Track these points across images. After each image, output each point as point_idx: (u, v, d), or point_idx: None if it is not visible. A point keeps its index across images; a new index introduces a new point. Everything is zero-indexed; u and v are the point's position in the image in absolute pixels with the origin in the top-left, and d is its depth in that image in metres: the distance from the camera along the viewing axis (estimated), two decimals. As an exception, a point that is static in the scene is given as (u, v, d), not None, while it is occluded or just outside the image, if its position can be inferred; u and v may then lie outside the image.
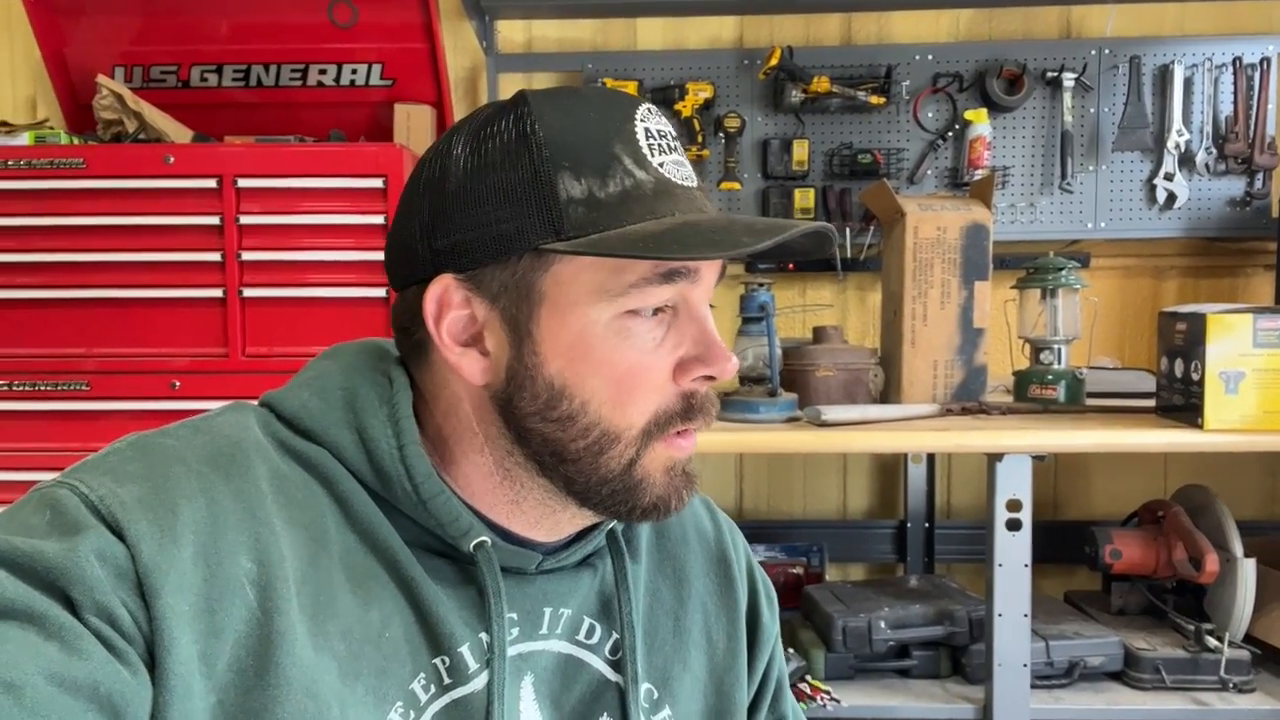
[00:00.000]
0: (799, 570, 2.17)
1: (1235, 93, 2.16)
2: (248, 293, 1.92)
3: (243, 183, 1.90)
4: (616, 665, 0.61)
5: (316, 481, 0.56)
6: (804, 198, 2.19)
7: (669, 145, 0.57)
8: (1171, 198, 2.17)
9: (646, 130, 0.56)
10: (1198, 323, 1.54)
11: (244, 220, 1.91)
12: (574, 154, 0.53)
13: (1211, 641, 1.75)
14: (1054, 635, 1.78)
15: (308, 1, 2.18)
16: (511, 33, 2.31)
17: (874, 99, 2.15)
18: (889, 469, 2.36)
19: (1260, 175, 2.16)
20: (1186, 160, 2.17)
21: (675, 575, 0.67)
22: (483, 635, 0.57)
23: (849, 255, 2.20)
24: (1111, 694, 1.74)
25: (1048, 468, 2.34)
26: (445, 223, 0.55)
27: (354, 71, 2.24)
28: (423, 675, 0.55)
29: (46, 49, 2.20)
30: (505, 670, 0.56)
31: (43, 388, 1.92)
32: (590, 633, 0.61)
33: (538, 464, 0.57)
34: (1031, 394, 1.80)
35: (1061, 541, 2.21)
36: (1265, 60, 2.15)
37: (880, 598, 1.87)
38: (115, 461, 0.52)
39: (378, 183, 1.89)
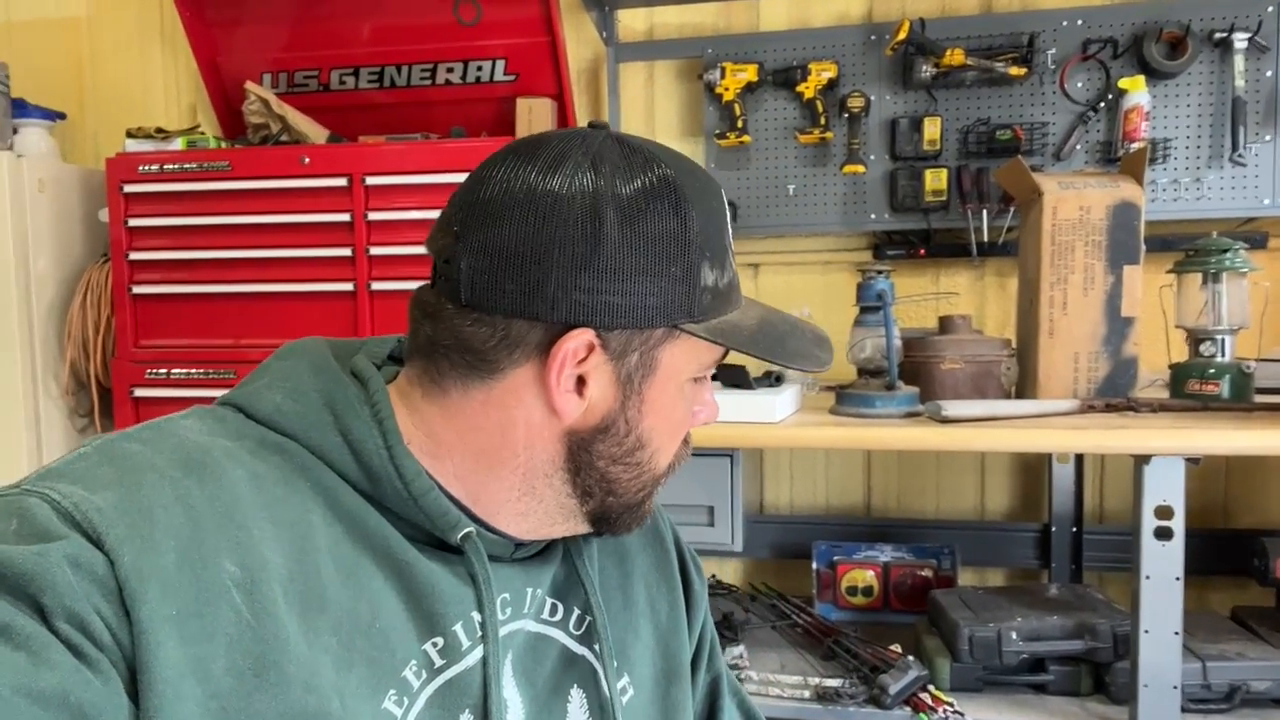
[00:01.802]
0: (928, 573, 2.05)
1: None
2: (376, 286, 2.00)
3: (370, 180, 1.98)
4: (579, 639, 0.66)
5: (297, 475, 0.56)
6: (935, 179, 2.06)
7: None
8: (1368, 167, 1.92)
9: (728, 222, 0.64)
10: (1388, 310, 1.35)
11: (372, 217, 1.99)
12: (711, 245, 0.60)
13: (1407, 673, 1.53)
14: (1213, 655, 1.61)
15: (434, 2, 2.23)
16: (633, 21, 2.29)
17: (1014, 70, 2.00)
18: (1032, 467, 2.20)
19: None
20: (1388, 124, 1.91)
21: (618, 553, 0.72)
22: (475, 615, 0.59)
23: (985, 239, 2.06)
24: (1281, 725, 1.56)
25: (1216, 472, 2.12)
26: (593, 278, 0.57)
27: (479, 68, 2.29)
28: (414, 662, 0.56)
29: (201, 58, 2.35)
30: (499, 650, 0.59)
31: (195, 375, 2.06)
32: (553, 611, 0.66)
33: (580, 491, 0.62)
34: (1190, 390, 1.63)
35: (1231, 553, 2.00)
36: None
37: (1013, 606, 1.74)
38: (83, 469, 0.51)
39: (496, 176, 1.92)
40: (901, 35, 2.00)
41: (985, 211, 2.05)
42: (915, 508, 2.26)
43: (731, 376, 1.68)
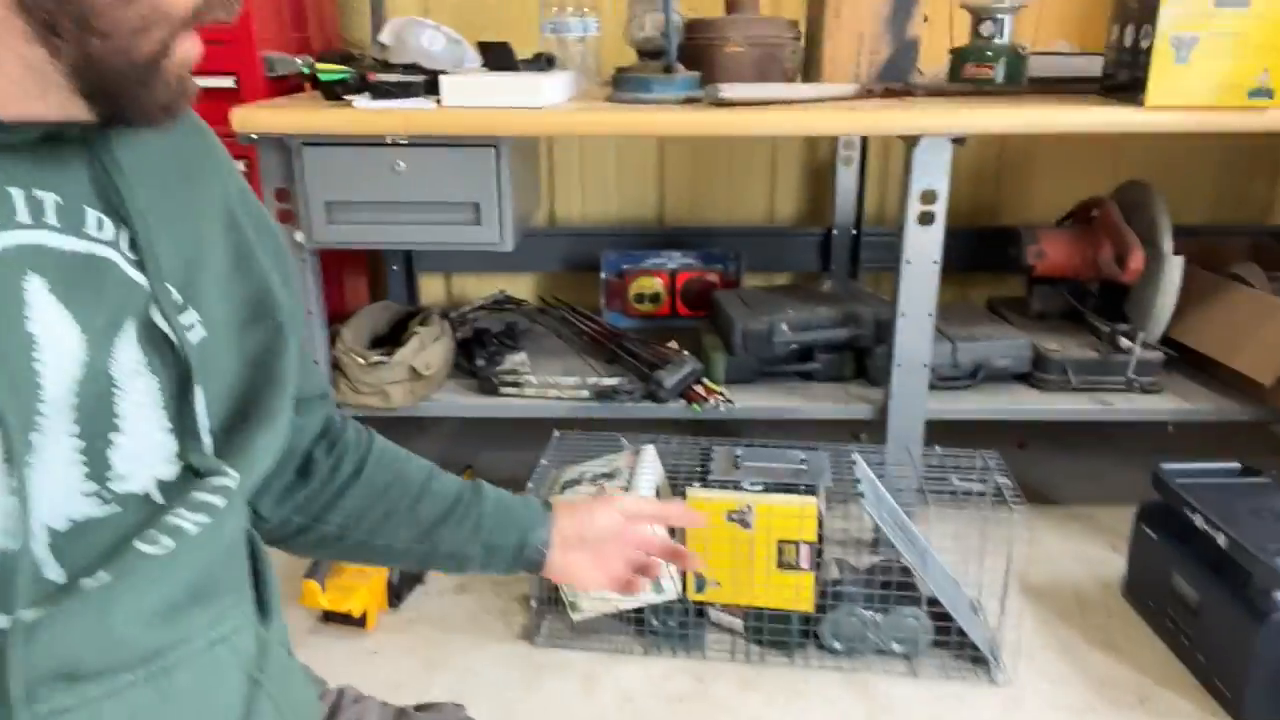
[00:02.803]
0: (714, 277, 2.05)
1: None
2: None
3: None
4: (134, 264, 0.51)
5: None
6: None
7: None
8: None
9: None
10: (1155, -24, 1.32)
11: None
12: None
13: (1124, 342, 1.68)
14: (963, 337, 1.71)
15: None
16: None
17: None
18: (820, 172, 2.19)
19: None
20: None
21: (181, 172, 0.56)
22: None
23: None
24: (1014, 395, 1.69)
25: (989, 168, 2.17)
26: None
27: None
28: None
29: None
30: None
31: None
32: (100, 226, 0.50)
33: (48, 33, 0.44)
34: (966, 74, 1.60)
35: (997, 247, 2.09)
36: None
37: (787, 301, 1.77)
38: None
39: None
40: None
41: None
42: (707, 216, 2.23)
43: (496, 58, 1.51)
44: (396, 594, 1.51)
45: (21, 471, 0.44)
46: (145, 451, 0.50)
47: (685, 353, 1.70)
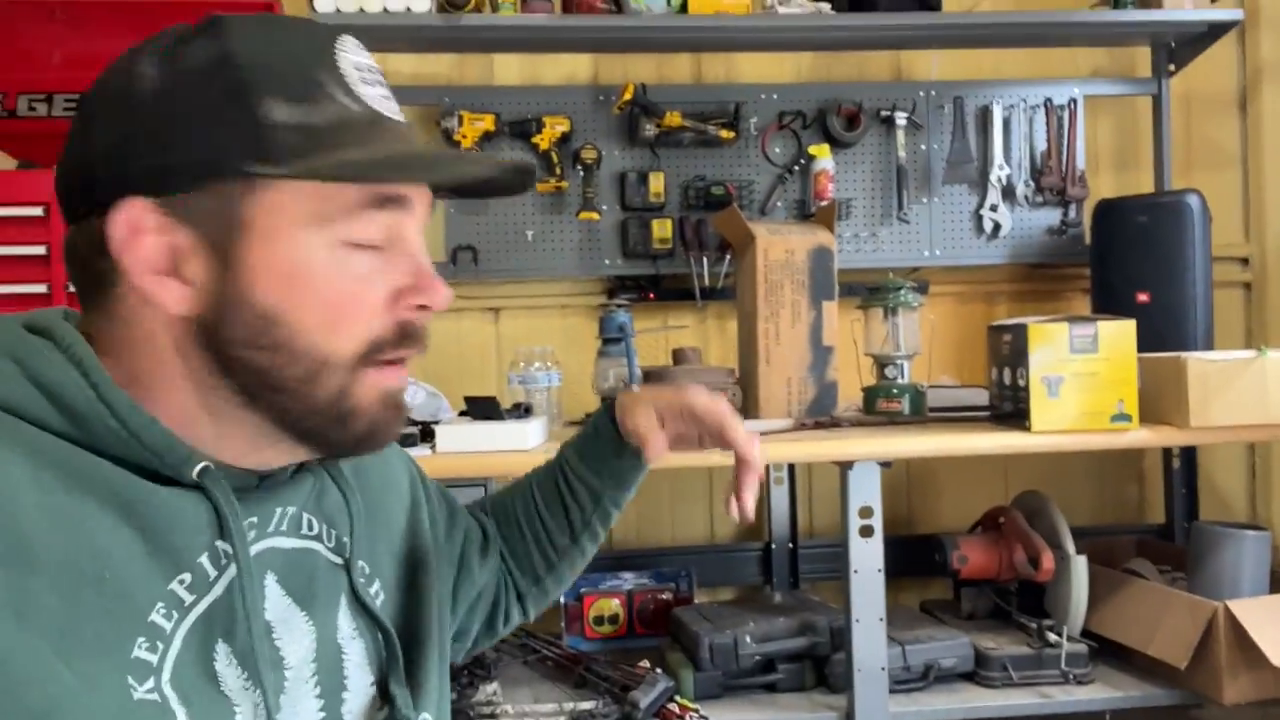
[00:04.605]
0: (668, 596, 2.17)
1: (1048, 130, 2.35)
2: (79, 327, 1.81)
3: None
4: (334, 550, 0.65)
5: None
6: (662, 228, 2.24)
7: (377, 79, 0.59)
8: (997, 227, 2.34)
9: (355, 64, 0.58)
10: (1021, 333, 1.66)
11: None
12: (278, 78, 0.54)
13: (1052, 637, 1.84)
14: (909, 640, 1.84)
15: (133, 35, 2.10)
16: (366, 67, 2.29)
17: (724, 133, 2.23)
18: (753, 493, 2.41)
19: (1073, 206, 2.35)
20: (1009, 193, 2.35)
21: (355, 463, 0.70)
22: (219, 543, 0.56)
23: (707, 284, 2.26)
24: (965, 693, 1.81)
25: (900, 484, 2.44)
26: (134, 145, 0.53)
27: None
28: (161, 605, 0.52)
29: None
30: (252, 571, 0.56)
31: None
32: (310, 526, 0.64)
33: (247, 396, 0.56)
34: (879, 408, 1.89)
35: (916, 554, 2.29)
36: (1072, 101, 2.36)
37: (745, 614, 1.89)
38: None
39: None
40: (627, 96, 2.18)
41: (705, 258, 2.25)
42: (653, 537, 2.38)
43: (482, 409, 1.71)
44: None
45: None
46: (364, 706, 0.61)
47: (658, 671, 1.77)
